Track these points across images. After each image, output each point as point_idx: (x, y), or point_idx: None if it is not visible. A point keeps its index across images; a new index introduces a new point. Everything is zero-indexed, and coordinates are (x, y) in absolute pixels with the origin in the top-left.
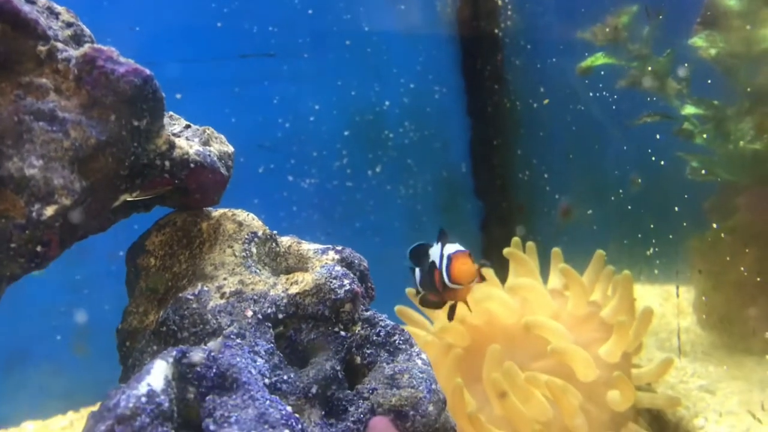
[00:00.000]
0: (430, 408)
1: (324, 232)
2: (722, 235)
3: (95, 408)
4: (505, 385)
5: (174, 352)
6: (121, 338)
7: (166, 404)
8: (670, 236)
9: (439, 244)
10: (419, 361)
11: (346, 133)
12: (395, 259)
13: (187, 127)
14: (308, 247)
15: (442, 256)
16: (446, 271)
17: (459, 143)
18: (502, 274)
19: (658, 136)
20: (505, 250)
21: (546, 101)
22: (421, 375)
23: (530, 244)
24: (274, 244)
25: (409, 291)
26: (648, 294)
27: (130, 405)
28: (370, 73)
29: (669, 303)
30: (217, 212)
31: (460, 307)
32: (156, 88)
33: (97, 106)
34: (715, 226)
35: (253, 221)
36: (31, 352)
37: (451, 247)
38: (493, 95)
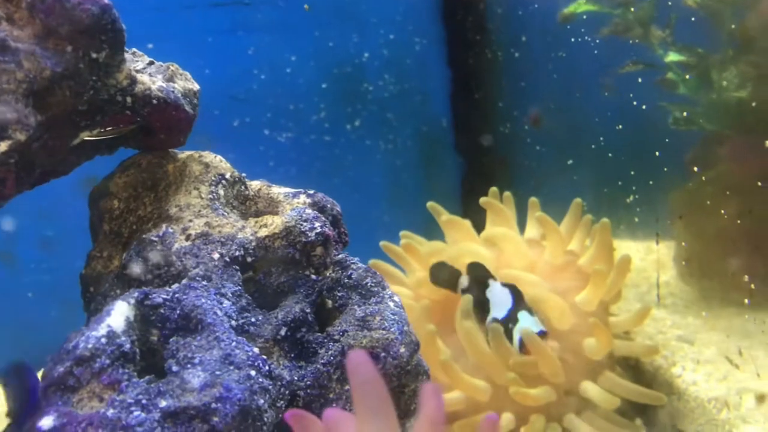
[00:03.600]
0: (402, 350)
1: (302, 187)
2: (703, 180)
3: None
4: (477, 334)
5: (136, 294)
6: (85, 284)
7: (128, 346)
8: (651, 182)
9: (509, 292)
10: (391, 304)
11: (323, 85)
12: (375, 214)
13: (151, 63)
14: (279, 190)
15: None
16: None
17: (440, 97)
18: (482, 228)
19: (639, 80)
20: (482, 200)
21: None
22: (393, 317)
23: (507, 194)
24: (242, 187)
25: (384, 244)
26: (630, 249)
27: (89, 346)
28: (348, 24)
29: (650, 258)
30: (183, 154)
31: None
32: (115, 18)
33: (52, 37)
34: (695, 169)
35: (220, 163)
36: (1, 309)
37: (526, 321)
38: (474, 46)
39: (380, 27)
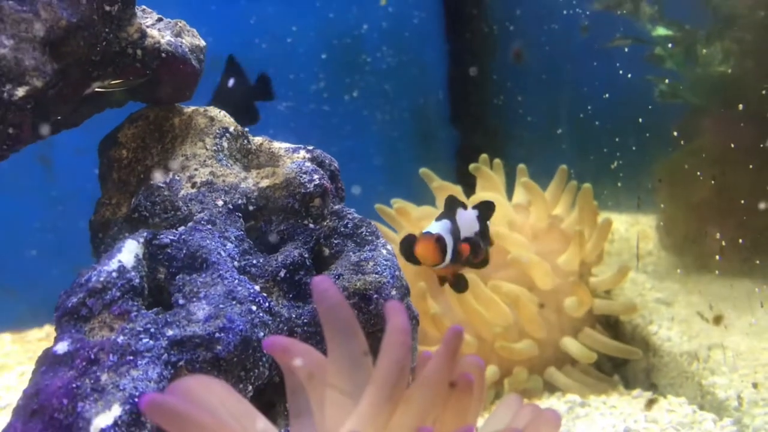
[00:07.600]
0: (393, 292)
1: None
2: (686, 151)
3: None
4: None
5: (145, 233)
6: (94, 230)
7: (137, 280)
8: (633, 148)
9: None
10: (384, 251)
11: (323, 56)
12: (370, 184)
13: (160, 20)
14: (280, 145)
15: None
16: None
17: (437, 70)
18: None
19: (626, 49)
20: (471, 166)
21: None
22: (385, 262)
23: (497, 161)
24: (245, 141)
25: (378, 207)
26: (615, 220)
27: (101, 279)
28: None
29: (635, 228)
30: (189, 109)
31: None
32: None
33: None
34: (682, 142)
35: (224, 117)
36: (6, 266)
37: (435, 225)
38: (472, 20)
39: None
